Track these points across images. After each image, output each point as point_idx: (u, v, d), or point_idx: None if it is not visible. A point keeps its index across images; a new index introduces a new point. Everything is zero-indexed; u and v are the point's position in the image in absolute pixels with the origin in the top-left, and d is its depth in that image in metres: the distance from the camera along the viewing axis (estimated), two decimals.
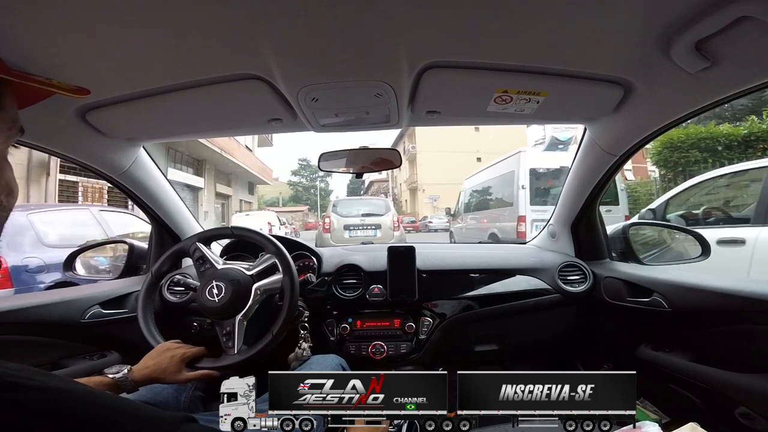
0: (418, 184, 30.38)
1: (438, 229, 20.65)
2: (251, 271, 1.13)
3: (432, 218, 23.14)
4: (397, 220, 8.68)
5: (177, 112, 1.09)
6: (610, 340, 1.49)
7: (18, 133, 0.51)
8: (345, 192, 41.12)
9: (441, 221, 21.30)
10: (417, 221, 24.81)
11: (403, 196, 36.03)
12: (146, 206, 1.49)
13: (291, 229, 18.49)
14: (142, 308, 1.15)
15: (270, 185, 29.40)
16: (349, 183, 48.86)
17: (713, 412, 1.04)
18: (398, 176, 37.91)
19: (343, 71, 0.91)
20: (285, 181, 50.82)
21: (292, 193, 52.18)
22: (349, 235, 8.17)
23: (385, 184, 40.19)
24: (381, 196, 22.74)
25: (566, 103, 1.09)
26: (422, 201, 29.27)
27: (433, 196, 27.92)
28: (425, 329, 1.45)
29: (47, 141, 1.13)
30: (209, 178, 16.33)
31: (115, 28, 0.71)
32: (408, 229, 21.55)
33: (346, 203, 9.55)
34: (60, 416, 0.37)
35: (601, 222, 1.58)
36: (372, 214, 8.56)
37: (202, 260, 1.16)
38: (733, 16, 0.65)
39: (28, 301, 1.18)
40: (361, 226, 8.35)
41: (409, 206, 33.72)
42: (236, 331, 1.06)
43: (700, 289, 1.10)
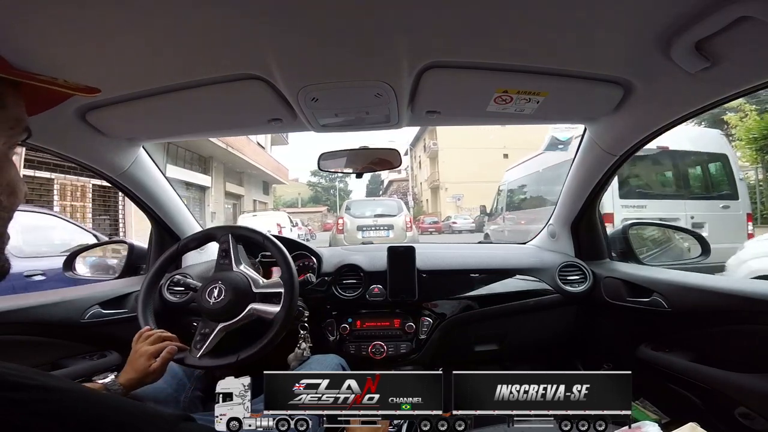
0: (440, 183, 28.84)
1: (462, 231, 19.60)
2: (258, 289, 1.12)
3: (456, 218, 21.94)
4: (410, 220, 8.79)
5: (177, 112, 1.09)
6: (610, 340, 1.49)
7: (23, 132, 0.51)
8: (364, 192, 40.31)
9: (466, 222, 20.35)
10: (440, 222, 23.45)
11: (424, 195, 34.51)
12: (146, 206, 1.49)
13: (306, 230, 17.98)
14: (142, 304, 1.15)
15: (288, 185, 28.78)
16: (369, 183, 48.03)
17: (713, 412, 1.04)
18: (418, 175, 36.57)
19: (342, 71, 0.91)
20: (304, 182, 50.21)
21: (311, 193, 51.18)
22: (362, 236, 8.25)
23: (405, 184, 38.89)
24: (393, 196, 22.27)
25: (566, 103, 1.09)
26: (445, 200, 27.94)
27: (457, 194, 26.70)
28: (425, 329, 1.45)
29: (47, 141, 1.13)
30: (217, 177, 15.80)
31: (115, 27, 0.71)
32: (430, 230, 21.39)
33: (359, 204, 9.70)
34: (60, 416, 0.37)
35: (601, 222, 1.57)
36: (384, 215, 8.68)
37: (226, 254, 1.16)
38: (733, 16, 0.65)
39: (28, 301, 1.18)
40: (374, 227, 8.44)
41: (430, 206, 32.21)
42: (211, 337, 1.05)
43: (700, 289, 1.10)
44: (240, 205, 19.15)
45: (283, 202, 43.84)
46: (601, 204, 1.54)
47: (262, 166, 18.48)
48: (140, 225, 9.05)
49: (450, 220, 21.99)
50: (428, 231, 21.20)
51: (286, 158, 21.76)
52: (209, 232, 1.24)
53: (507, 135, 22.32)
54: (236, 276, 1.12)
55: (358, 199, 12.58)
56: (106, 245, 1.88)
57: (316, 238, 18.41)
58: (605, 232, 1.59)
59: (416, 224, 22.13)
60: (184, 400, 1.09)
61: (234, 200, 18.68)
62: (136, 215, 9.10)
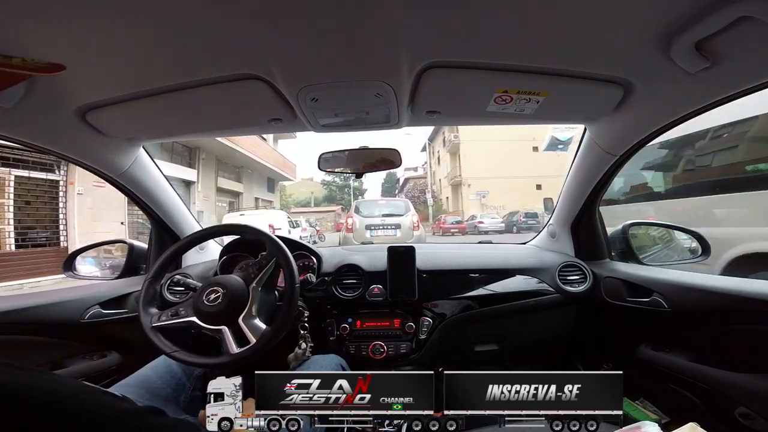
0: (462, 179, 26.44)
1: (489, 231, 17.38)
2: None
3: (482, 217, 19.53)
4: (417, 220, 8.83)
5: (177, 112, 1.09)
6: (610, 340, 1.49)
7: None
8: (380, 191, 39.30)
9: (494, 222, 18.42)
10: (463, 221, 20.69)
11: (443, 193, 32.05)
12: (146, 206, 1.49)
13: (312, 231, 16.16)
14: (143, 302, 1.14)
15: (300, 184, 27.43)
16: (384, 182, 47.56)
17: (713, 412, 1.04)
18: (437, 171, 34.12)
19: (342, 71, 0.91)
20: (318, 181, 48.77)
21: (326, 192, 48.92)
22: (371, 234, 8.42)
23: (422, 181, 36.90)
24: (401, 196, 21.51)
25: (566, 103, 1.09)
26: (468, 197, 25.81)
27: (481, 191, 24.77)
28: (425, 329, 1.45)
29: (47, 141, 1.13)
30: (206, 171, 14.25)
31: (115, 28, 0.71)
32: (453, 231, 18.96)
33: (368, 204, 9.80)
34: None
35: (600, 222, 1.58)
36: (392, 215, 8.79)
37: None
38: (733, 16, 0.65)
39: (28, 301, 1.18)
40: (382, 226, 8.56)
41: (451, 204, 29.65)
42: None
43: (700, 289, 1.10)
44: (239, 203, 17.56)
45: (296, 202, 42.93)
46: None
47: (263, 160, 17.23)
48: (90, 227, 8.11)
49: (475, 220, 19.59)
50: (450, 232, 18.96)
51: (298, 155, 21.11)
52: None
53: (536, 125, 20.82)
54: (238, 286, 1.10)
55: (366, 200, 12.69)
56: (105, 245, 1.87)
57: (324, 239, 16.19)
58: (605, 232, 1.59)
59: (436, 224, 21.06)
60: (184, 400, 1.09)
61: (231, 197, 17.24)
62: (82, 215, 8.14)
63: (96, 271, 1.70)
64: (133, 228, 9.83)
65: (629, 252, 1.56)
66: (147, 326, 1.09)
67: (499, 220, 18.83)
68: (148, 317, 1.10)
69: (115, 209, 9.10)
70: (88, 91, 0.97)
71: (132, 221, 9.75)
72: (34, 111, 0.97)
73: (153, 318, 1.09)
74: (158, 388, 1.04)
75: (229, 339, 1.04)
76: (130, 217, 9.69)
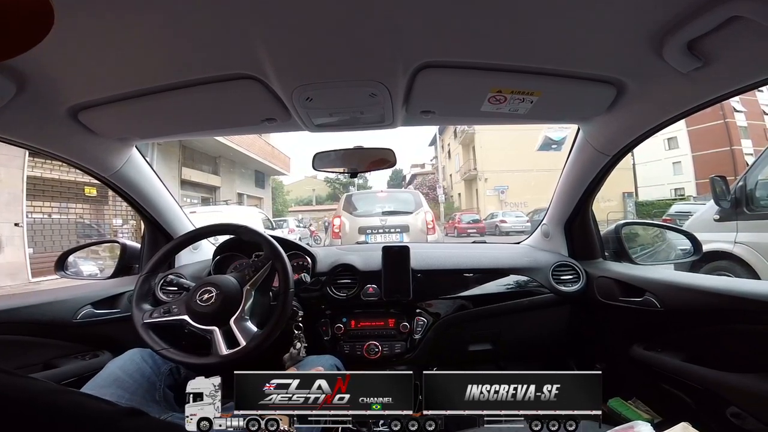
0: (477, 173, 23.85)
1: (511, 232, 14.87)
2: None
3: (505, 216, 16.99)
4: (431, 219, 6.35)
5: (170, 111, 1.09)
6: (603, 339, 1.49)
7: None
8: (385, 187, 35.79)
9: (519, 220, 15.95)
10: (482, 220, 17.82)
11: (455, 189, 29.30)
12: (139, 206, 1.48)
13: (304, 231, 14.65)
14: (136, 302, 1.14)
15: (304, 181, 25.91)
16: (390, 179, 43.42)
17: (705, 411, 1.04)
18: (447, 166, 31.78)
19: (337, 71, 0.91)
20: (322, 178, 43.26)
21: (329, 190, 44.74)
22: (366, 240, 5.95)
23: (432, 177, 33.56)
24: (410, 188, 18.06)
25: (559, 103, 1.10)
26: (485, 193, 23.21)
27: (500, 186, 22.25)
28: (420, 329, 1.45)
29: (38, 141, 1.12)
30: (167, 160, 11.83)
31: (107, 26, 0.71)
32: (470, 231, 15.93)
33: (363, 198, 7.27)
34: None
35: (594, 222, 1.58)
36: (396, 212, 6.36)
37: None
38: (724, 16, 0.66)
39: (19, 301, 1.17)
40: (381, 229, 6.14)
41: (464, 202, 26.83)
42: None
43: (692, 289, 1.11)
44: (214, 200, 15.01)
45: (296, 200, 41.34)
46: None
47: (245, 149, 14.78)
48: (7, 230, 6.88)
49: (496, 218, 16.97)
50: (467, 233, 15.72)
51: (299, 152, 19.85)
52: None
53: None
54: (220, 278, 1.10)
55: (361, 193, 10.14)
56: (98, 245, 1.86)
57: (321, 242, 12.31)
58: (598, 232, 1.60)
59: (450, 224, 18.36)
60: (158, 399, 1.07)
61: (204, 192, 14.75)
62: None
63: (88, 271, 1.69)
64: (37, 231, 7.64)
65: (622, 251, 1.57)
66: (138, 322, 1.09)
67: (524, 219, 16.17)
68: (140, 313, 1.10)
69: (4, 206, 7.14)
70: (80, 91, 0.97)
71: (36, 220, 7.72)
72: (25, 110, 0.96)
73: (145, 315, 1.09)
74: (131, 387, 1.01)
75: (219, 340, 1.04)
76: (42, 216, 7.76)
